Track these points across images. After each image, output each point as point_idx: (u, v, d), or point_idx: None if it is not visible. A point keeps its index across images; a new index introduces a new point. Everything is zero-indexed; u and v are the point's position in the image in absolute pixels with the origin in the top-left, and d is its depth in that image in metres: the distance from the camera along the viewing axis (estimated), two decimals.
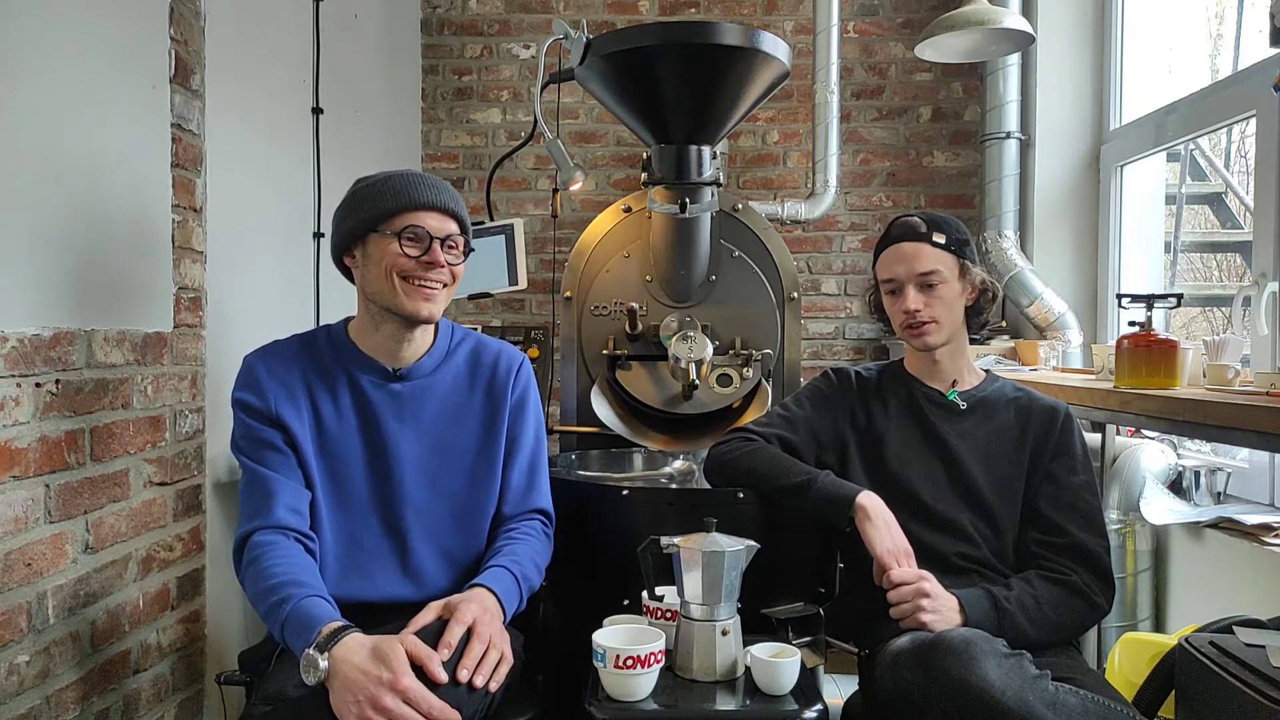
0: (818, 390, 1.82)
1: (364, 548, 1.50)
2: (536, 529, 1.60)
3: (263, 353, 1.53)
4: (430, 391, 1.56)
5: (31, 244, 1.41)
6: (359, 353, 1.54)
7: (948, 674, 1.27)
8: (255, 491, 1.44)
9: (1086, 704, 1.30)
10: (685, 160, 2.07)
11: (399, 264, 1.46)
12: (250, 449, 1.47)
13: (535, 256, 3.48)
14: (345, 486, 1.50)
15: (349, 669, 1.23)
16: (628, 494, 1.76)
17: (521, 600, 1.47)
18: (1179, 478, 2.34)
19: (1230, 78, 2.47)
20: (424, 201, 1.47)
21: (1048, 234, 3.18)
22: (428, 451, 1.54)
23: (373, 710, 1.19)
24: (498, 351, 1.64)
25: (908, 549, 1.55)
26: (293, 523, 1.42)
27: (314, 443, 1.49)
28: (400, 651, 1.23)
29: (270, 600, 1.33)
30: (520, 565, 1.48)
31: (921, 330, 1.68)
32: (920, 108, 3.52)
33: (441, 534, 1.53)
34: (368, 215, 1.47)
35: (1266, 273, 2.14)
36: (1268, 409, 1.46)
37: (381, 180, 1.50)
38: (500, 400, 1.60)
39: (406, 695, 1.20)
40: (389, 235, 1.46)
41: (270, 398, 1.48)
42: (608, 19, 3.53)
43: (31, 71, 1.40)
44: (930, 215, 1.72)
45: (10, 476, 1.36)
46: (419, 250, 1.47)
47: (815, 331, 3.52)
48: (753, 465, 1.70)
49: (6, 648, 1.35)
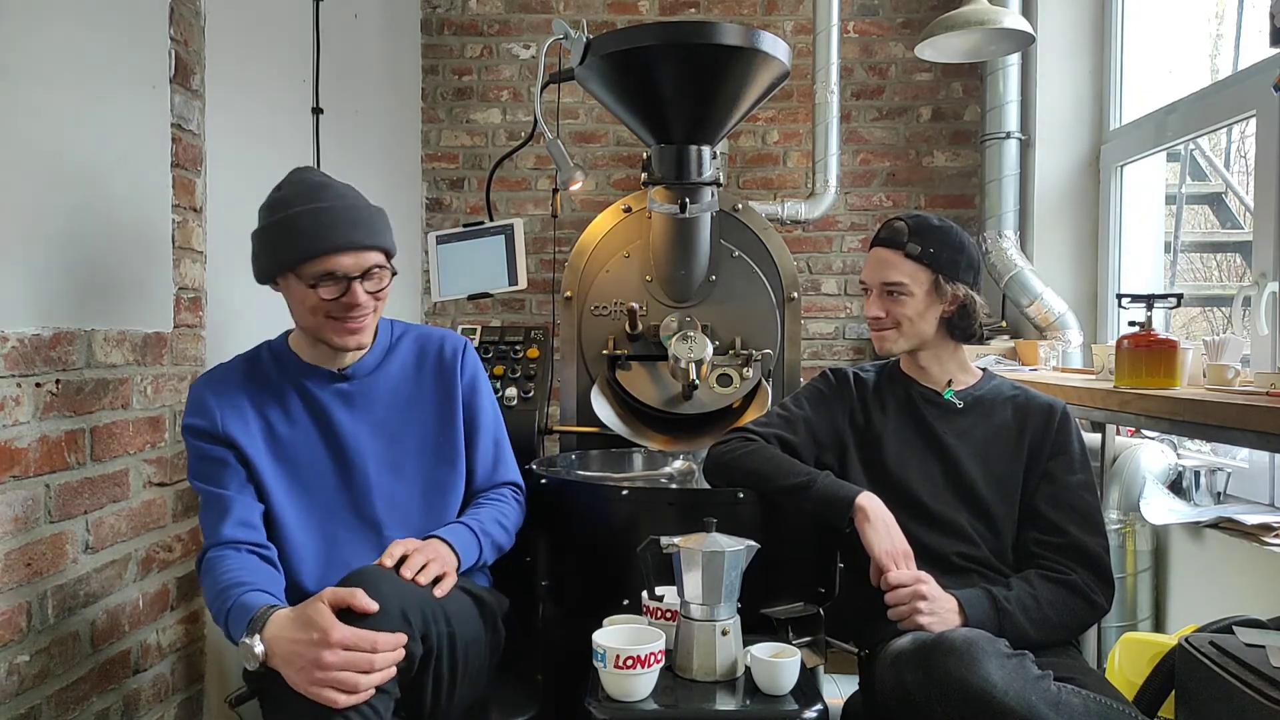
0: (816, 390, 1.82)
1: (341, 543, 1.53)
2: (505, 494, 1.67)
3: (207, 378, 1.56)
4: (378, 385, 1.59)
5: (32, 244, 1.41)
6: (301, 362, 1.57)
7: (949, 674, 1.27)
8: (209, 512, 1.48)
9: (1089, 704, 1.29)
10: (685, 160, 2.06)
11: (321, 306, 1.47)
12: (202, 471, 1.49)
13: (535, 256, 3.48)
14: (311, 488, 1.53)
15: (282, 644, 1.25)
16: (628, 494, 1.76)
17: (481, 552, 1.52)
18: (1179, 478, 2.34)
19: (1230, 78, 2.47)
20: (337, 244, 1.44)
21: (1048, 234, 3.18)
22: (387, 442, 1.58)
23: (319, 671, 1.20)
24: (441, 338, 1.68)
25: (907, 550, 1.55)
26: (243, 535, 1.45)
27: (268, 453, 1.51)
28: (322, 608, 1.25)
29: (217, 607, 1.37)
30: (480, 522, 1.55)
31: (881, 335, 1.71)
32: (920, 108, 3.52)
33: (414, 518, 1.56)
34: (283, 259, 1.46)
35: (1266, 273, 2.14)
36: (1268, 409, 1.46)
37: (291, 217, 1.44)
38: (451, 382, 1.64)
39: (344, 644, 1.22)
40: (306, 283, 1.45)
41: (217, 417, 1.49)
42: (608, 19, 3.53)
43: (31, 72, 1.40)
44: (919, 222, 1.68)
45: (10, 476, 1.36)
46: (336, 293, 1.46)
47: (815, 331, 3.52)
48: (752, 465, 1.70)
49: (6, 648, 1.35)
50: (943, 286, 1.66)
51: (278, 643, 1.26)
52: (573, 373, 2.38)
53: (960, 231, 1.70)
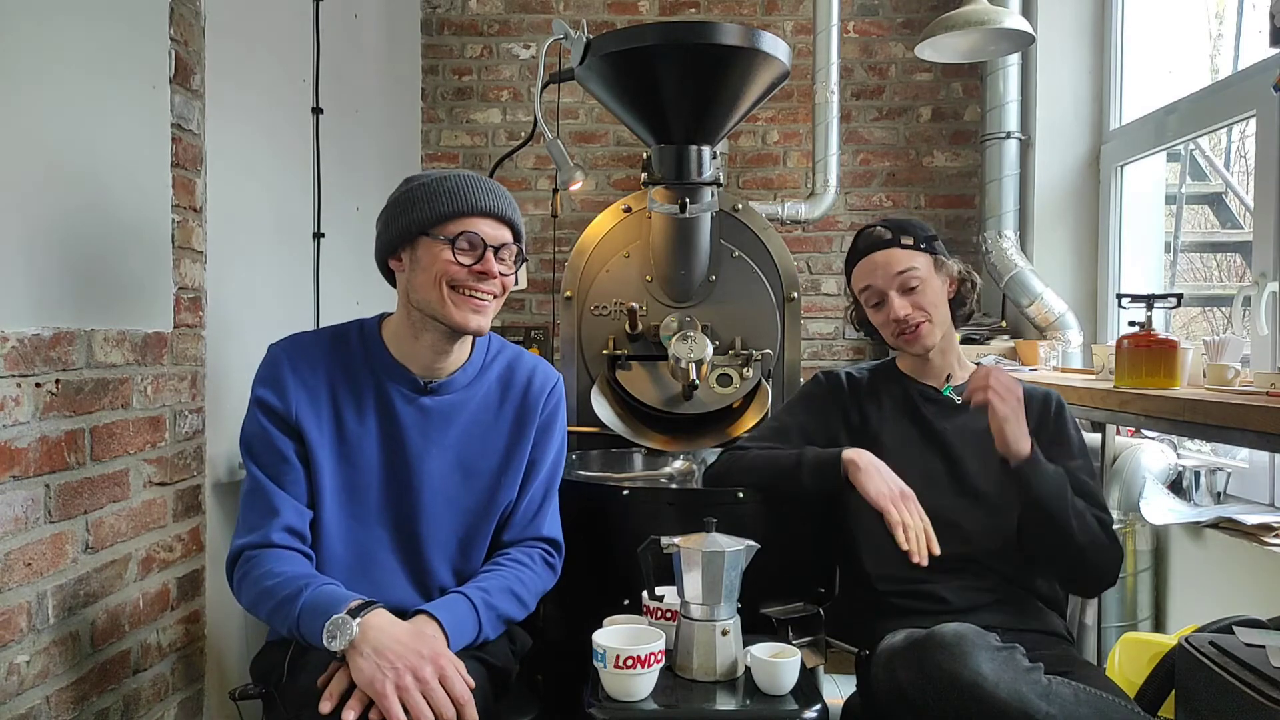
0: (808, 394, 1.83)
1: (375, 560, 1.46)
2: (534, 556, 1.53)
3: (290, 347, 1.46)
4: (460, 409, 1.50)
5: (32, 244, 1.41)
6: (391, 359, 1.47)
7: (940, 669, 1.28)
8: (256, 504, 1.40)
9: (1080, 695, 1.30)
10: (685, 160, 2.07)
11: (450, 272, 1.39)
12: (259, 454, 1.42)
13: (535, 256, 3.48)
14: (360, 497, 1.46)
15: (386, 637, 1.22)
16: (628, 494, 1.76)
17: (480, 630, 1.38)
18: (1179, 478, 2.34)
19: (1230, 78, 2.47)
20: (481, 207, 1.40)
21: (1048, 234, 3.18)
22: (449, 470, 1.48)
23: (411, 679, 1.19)
24: (532, 368, 1.58)
25: (904, 490, 1.56)
26: (288, 543, 1.39)
27: (333, 450, 1.44)
28: (441, 635, 1.27)
29: (279, 596, 1.30)
30: (485, 593, 1.41)
31: (916, 333, 1.67)
32: (920, 108, 3.52)
33: (452, 549, 1.50)
34: (420, 217, 1.39)
35: (1266, 273, 2.14)
36: (1268, 409, 1.46)
37: (436, 181, 1.42)
38: (527, 420, 1.54)
39: (445, 676, 1.21)
40: (442, 240, 1.39)
41: (291, 400, 1.42)
42: (608, 19, 3.53)
43: (32, 72, 1.40)
44: (892, 221, 1.73)
45: (10, 476, 1.36)
46: (472, 259, 1.39)
47: (815, 331, 3.52)
48: (747, 465, 1.72)
49: (6, 648, 1.35)
50: (944, 265, 1.71)
51: (380, 633, 1.21)
52: (573, 373, 2.38)
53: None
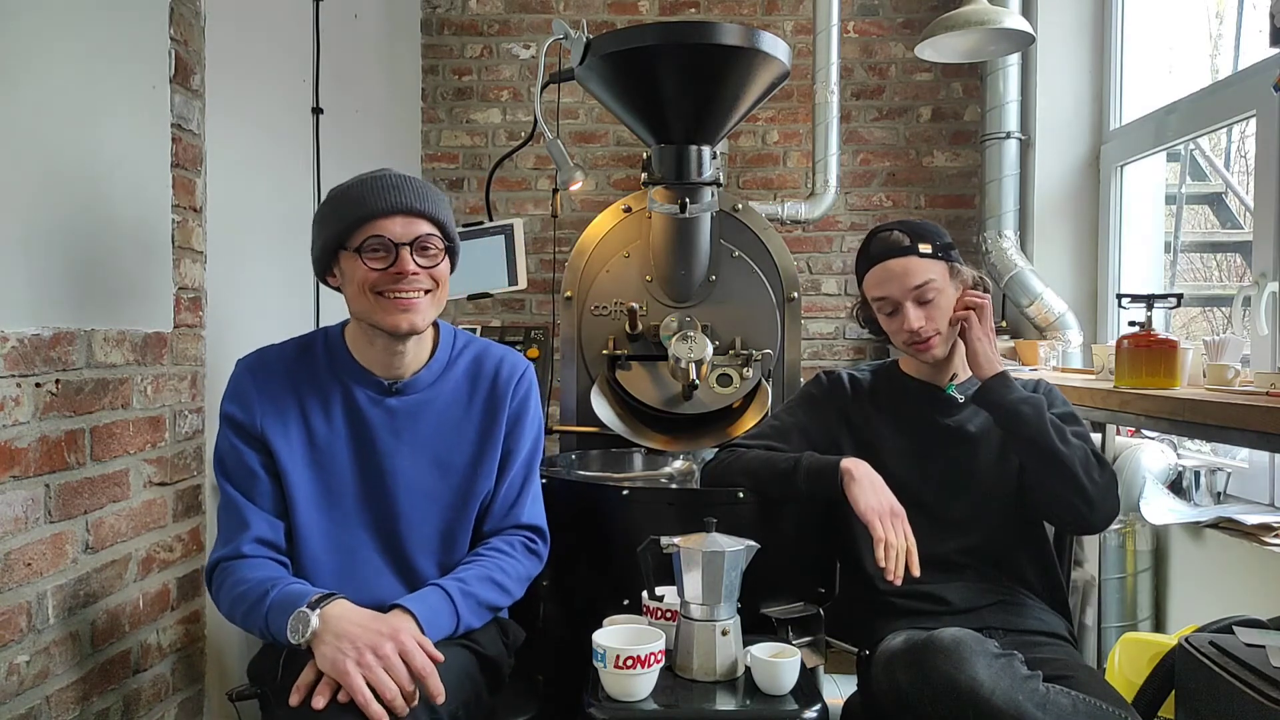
0: (809, 395, 1.82)
1: (360, 561, 1.47)
2: (514, 544, 1.52)
3: (254, 363, 1.48)
4: (428, 406, 1.49)
5: (32, 244, 1.41)
6: (354, 364, 1.48)
7: (938, 674, 1.28)
8: (229, 519, 1.43)
9: (1077, 704, 1.30)
10: (685, 160, 2.06)
11: (370, 279, 1.38)
12: (230, 470, 1.44)
13: (535, 256, 3.48)
14: (338, 501, 1.46)
15: (345, 624, 1.23)
16: (628, 494, 1.76)
17: (459, 620, 1.37)
18: (1179, 478, 2.34)
19: (1230, 78, 2.47)
20: (383, 207, 1.37)
21: (1048, 234, 3.18)
22: (424, 468, 1.48)
23: (372, 656, 1.20)
24: (500, 359, 1.57)
25: (895, 508, 1.55)
26: (259, 553, 1.40)
27: (304, 457, 1.45)
28: (409, 623, 1.27)
29: (250, 600, 1.33)
30: (463, 583, 1.40)
31: (928, 344, 1.66)
32: (920, 108, 3.52)
33: (434, 544, 1.50)
34: (332, 234, 1.40)
35: (1266, 273, 2.14)
36: (1268, 409, 1.46)
37: (342, 192, 1.42)
38: (498, 411, 1.53)
39: (406, 651, 1.22)
40: (352, 251, 1.39)
41: (256, 414, 1.43)
42: (608, 19, 3.53)
43: (31, 71, 1.40)
44: (910, 226, 1.69)
45: (10, 476, 1.36)
46: (385, 261, 1.38)
47: (815, 331, 3.52)
48: (744, 467, 1.72)
49: (6, 648, 1.35)
50: (960, 273, 1.69)
51: (340, 621, 1.22)
52: (573, 373, 2.38)
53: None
